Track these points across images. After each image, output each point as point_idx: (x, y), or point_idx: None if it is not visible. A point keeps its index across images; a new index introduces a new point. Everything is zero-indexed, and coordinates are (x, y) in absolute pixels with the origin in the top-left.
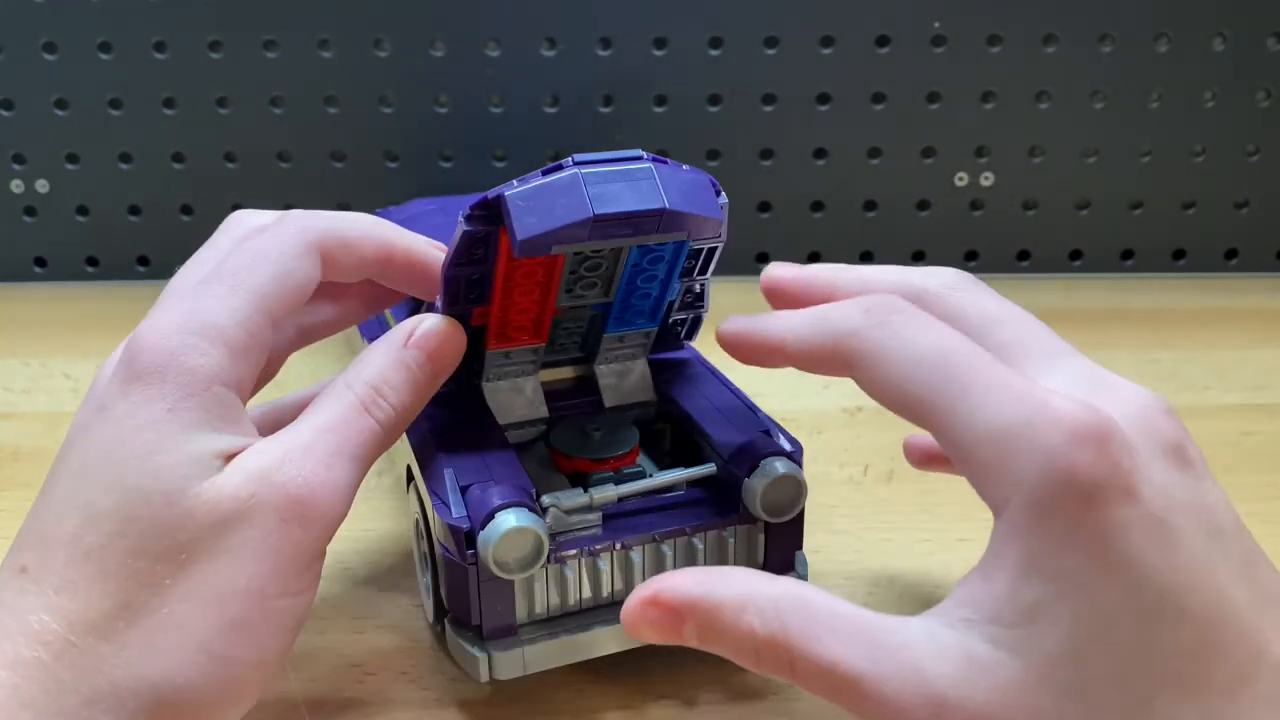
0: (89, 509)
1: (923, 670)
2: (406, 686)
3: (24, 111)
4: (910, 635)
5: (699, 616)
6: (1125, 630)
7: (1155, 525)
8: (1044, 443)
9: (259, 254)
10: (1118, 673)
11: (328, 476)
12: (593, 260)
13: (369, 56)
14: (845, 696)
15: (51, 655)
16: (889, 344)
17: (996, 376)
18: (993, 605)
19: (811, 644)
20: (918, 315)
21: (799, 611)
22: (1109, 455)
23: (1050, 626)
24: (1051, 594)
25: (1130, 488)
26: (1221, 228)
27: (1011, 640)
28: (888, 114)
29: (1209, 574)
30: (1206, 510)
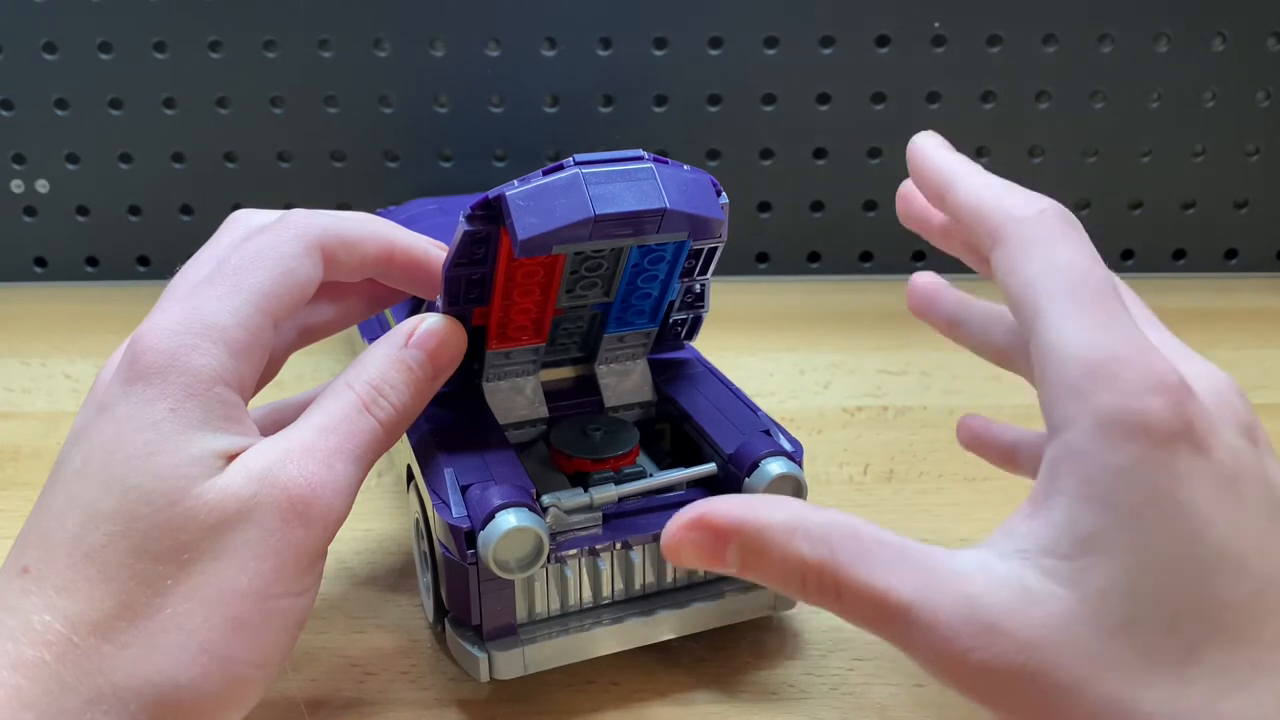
0: (91, 509)
1: (974, 599)
2: (406, 686)
3: (24, 111)
4: (961, 565)
5: (745, 538)
6: (1182, 575)
7: (1223, 481)
8: (1131, 380)
9: (260, 253)
10: (1170, 616)
11: (329, 476)
12: (593, 260)
13: (369, 56)
14: (891, 625)
15: (53, 655)
16: (1042, 243)
17: (1115, 312)
18: (1048, 535)
19: (860, 570)
20: (1081, 238)
21: (848, 538)
22: (1187, 410)
23: (1106, 560)
24: (1110, 526)
25: (1202, 443)
26: (1221, 228)
27: (1065, 572)
28: (888, 114)
29: (1269, 538)
30: (1272, 485)
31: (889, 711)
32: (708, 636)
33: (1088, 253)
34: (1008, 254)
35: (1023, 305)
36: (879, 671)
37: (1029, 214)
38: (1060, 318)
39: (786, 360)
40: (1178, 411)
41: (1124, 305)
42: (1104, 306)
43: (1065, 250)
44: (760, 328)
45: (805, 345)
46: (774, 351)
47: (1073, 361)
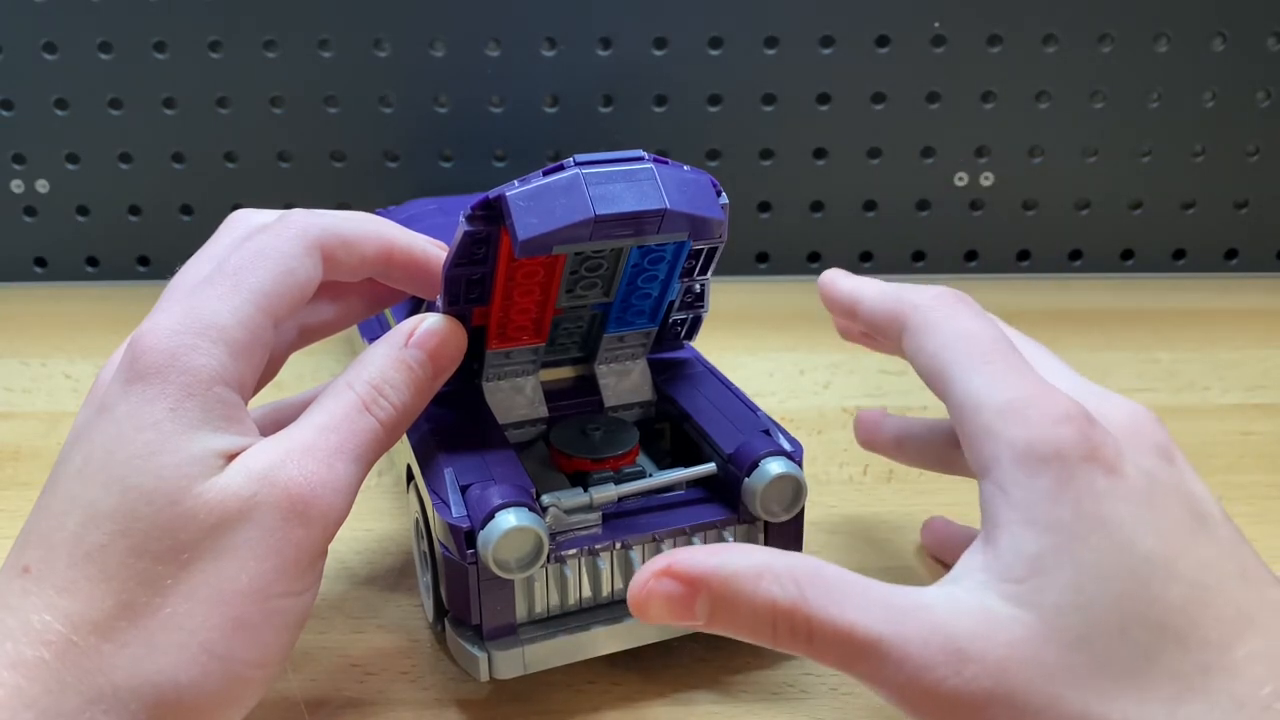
0: (91, 509)
1: (941, 627)
2: (406, 686)
3: (24, 111)
4: (926, 598)
5: (715, 587)
6: (1120, 584)
7: (1138, 498)
8: (1036, 415)
9: (260, 253)
10: (1119, 625)
11: (329, 476)
12: (593, 260)
13: (369, 56)
14: (864, 661)
15: (54, 655)
16: (942, 320)
17: (1016, 365)
18: (999, 563)
19: (830, 610)
20: (975, 311)
21: (815, 580)
22: (1092, 436)
23: (1054, 577)
24: (1050, 545)
25: (1113, 465)
26: (1221, 228)
27: (1021, 594)
28: (888, 114)
29: (1194, 546)
30: (1192, 497)
31: (888, 711)
32: (708, 636)
33: (982, 320)
34: (914, 336)
35: (934, 376)
36: None
37: (925, 300)
38: (966, 377)
39: (786, 360)
40: (1084, 437)
41: (1021, 358)
42: (1003, 361)
43: (961, 322)
44: (760, 328)
45: (805, 345)
46: (774, 351)
47: (984, 410)
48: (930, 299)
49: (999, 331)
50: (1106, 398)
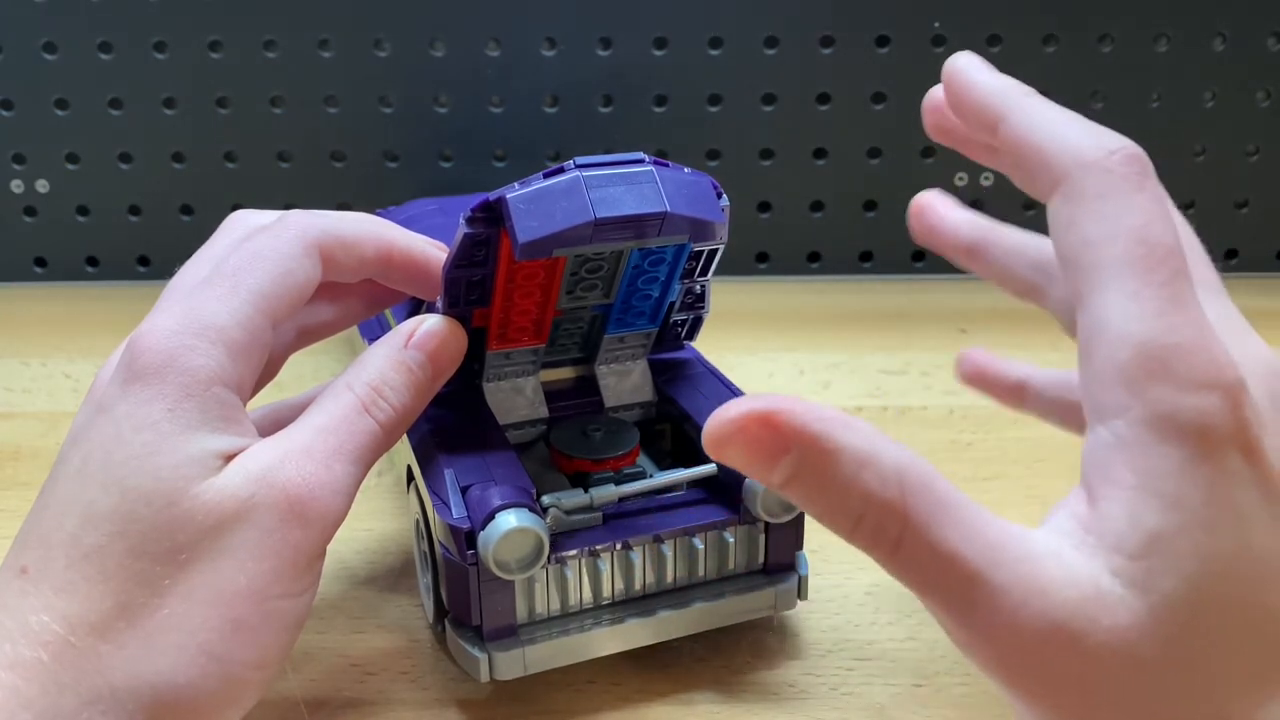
0: (89, 509)
1: (1046, 592)
2: (406, 686)
3: (24, 111)
4: (1036, 549)
5: (812, 455)
6: (1237, 584)
7: (1268, 488)
8: (1189, 374)
9: (258, 254)
10: (1223, 628)
11: (327, 477)
12: (594, 262)
13: (369, 56)
14: (951, 595)
15: (51, 656)
16: (1109, 198)
17: (1180, 295)
18: (1114, 530)
19: (930, 525)
20: (1154, 192)
21: (923, 486)
22: (1241, 413)
23: (1172, 563)
24: (1173, 524)
25: (1254, 447)
26: (1221, 228)
27: (1134, 574)
28: (887, 114)
29: None
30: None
31: (889, 711)
32: (708, 637)
33: (1159, 213)
34: (1069, 206)
35: (1078, 268)
36: (879, 671)
37: (1097, 158)
38: (1119, 294)
39: (786, 360)
40: (1233, 414)
41: (1190, 287)
42: (1170, 285)
43: (1134, 211)
44: (760, 328)
45: (805, 345)
46: (774, 351)
47: (1128, 346)
48: (1105, 157)
49: (1175, 236)
50: (1250, 343)
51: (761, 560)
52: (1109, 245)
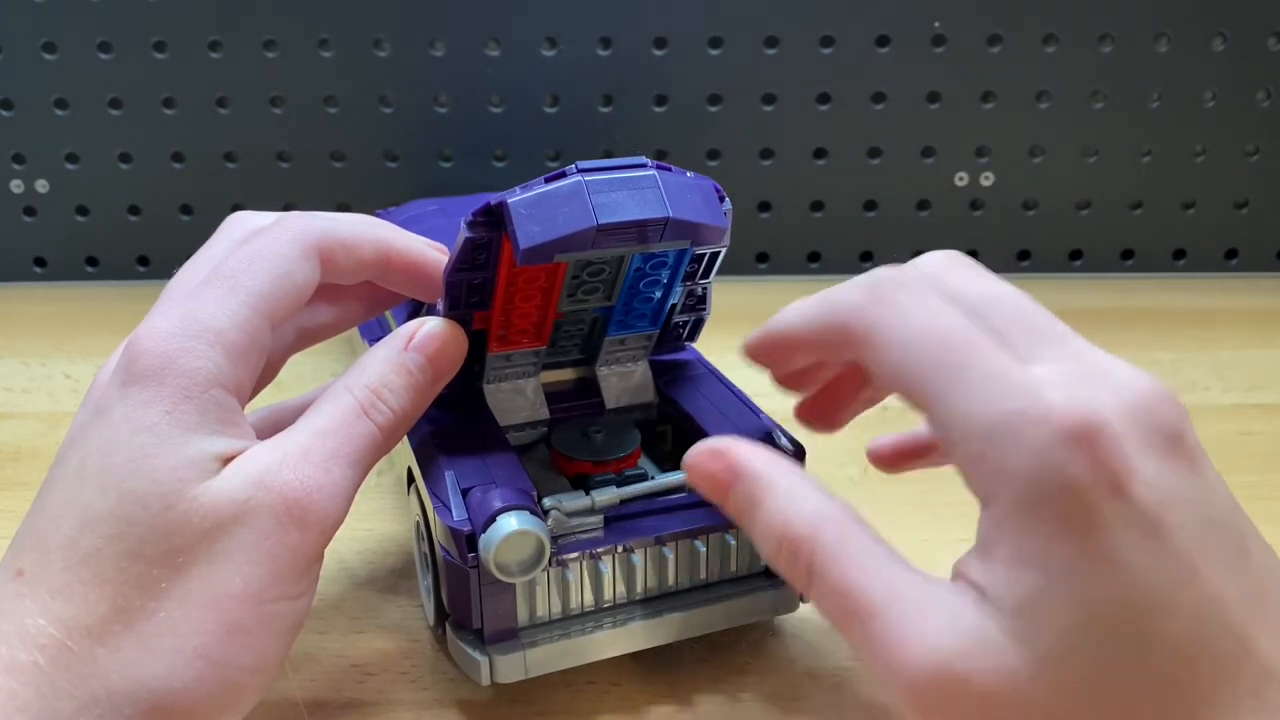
0: (86, 512)
1: (938, 632)
2: (406, 688)
3: (24, 111)
4: (934, 595)
5: (751, 485)
6: (1121, 626)
7: (1145, 523)
8: (1032, 440)
9: (257, 256)
10: (1112, 671)
11: (325, 480)
12: (595, 266)
13: (369, 56)
14: (854, 626)
15: (47, 659)
16: (890, 322)
17: (991, 365)
18: (994, 589)
19: (839, 560)
20: (921, 292)
21: (836, 528)
22: (1098, 454)
23: (1049, 618)
24: (1045, 586)
25: (1119, 486)
26: (1221, 228)
27: (1015, 628)
28: (888, 114)
29: (1199, 570)
30: (1201, 503)
31: (889, 712)
32: (708, 638)
33: (939, 310)
34: (865, 352)
35: (906, 396)
36: None
37: (860, 299)
38: (940, 395)
39: None
40: (1090, 455)
41: (999, 351)
42: (979, 363)
43: (914, 321)
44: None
45: None
46: None
47: (970, 435)
48: (864, 294)
49: (960, 319)
50: (1112, 373)
51: (762, 563)
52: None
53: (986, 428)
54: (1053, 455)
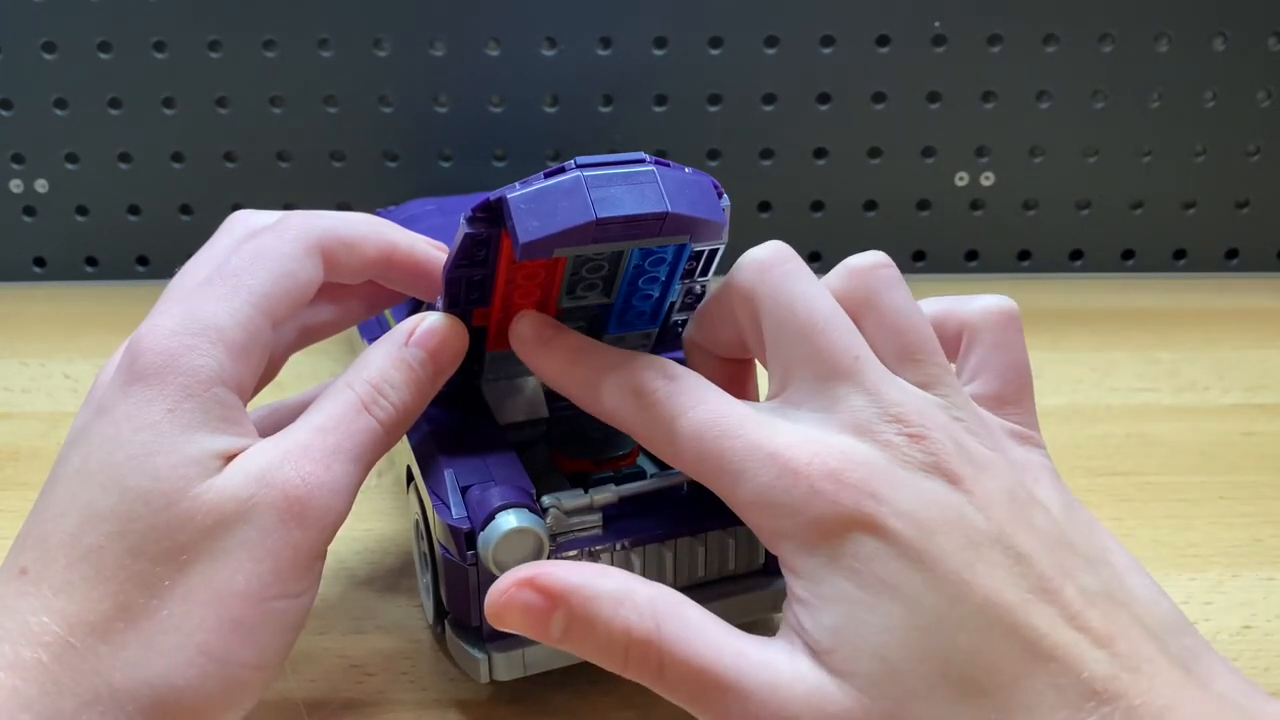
0: (88, 510)
1: (781, 691)
2: (406, 687)
3: (24, 111)
4: (773, 654)
5: (574, 605)
6: (918, 644)
7: (906, 552)
8: (789, 500)
9: (260, 255)
10: (928, 686)
11: (326, 477)
12: (594, 262)
13: (369, 56)
14: (711, 704)
15: (50, 657)
16: (663, 423)
17: (745, 444)
18: (808, 634)
19: (684, 646)
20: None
21: (674, 613)
22: (844, 499)
23: (858, 646)
24: (844, 617)
25: (873, 524)
26: (1221, 228)
27: (836, 664)
28: (888, 114)
29: (972, 584)
30: (963, 521)
31: None
32: None
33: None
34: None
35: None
36: None
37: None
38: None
39: None
40: (839, 500)
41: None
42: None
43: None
44: None
45: None
46: None
47: (749, 511)
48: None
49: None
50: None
51: (762, 561)
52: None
53: (756, 501)
54: (809, 510)
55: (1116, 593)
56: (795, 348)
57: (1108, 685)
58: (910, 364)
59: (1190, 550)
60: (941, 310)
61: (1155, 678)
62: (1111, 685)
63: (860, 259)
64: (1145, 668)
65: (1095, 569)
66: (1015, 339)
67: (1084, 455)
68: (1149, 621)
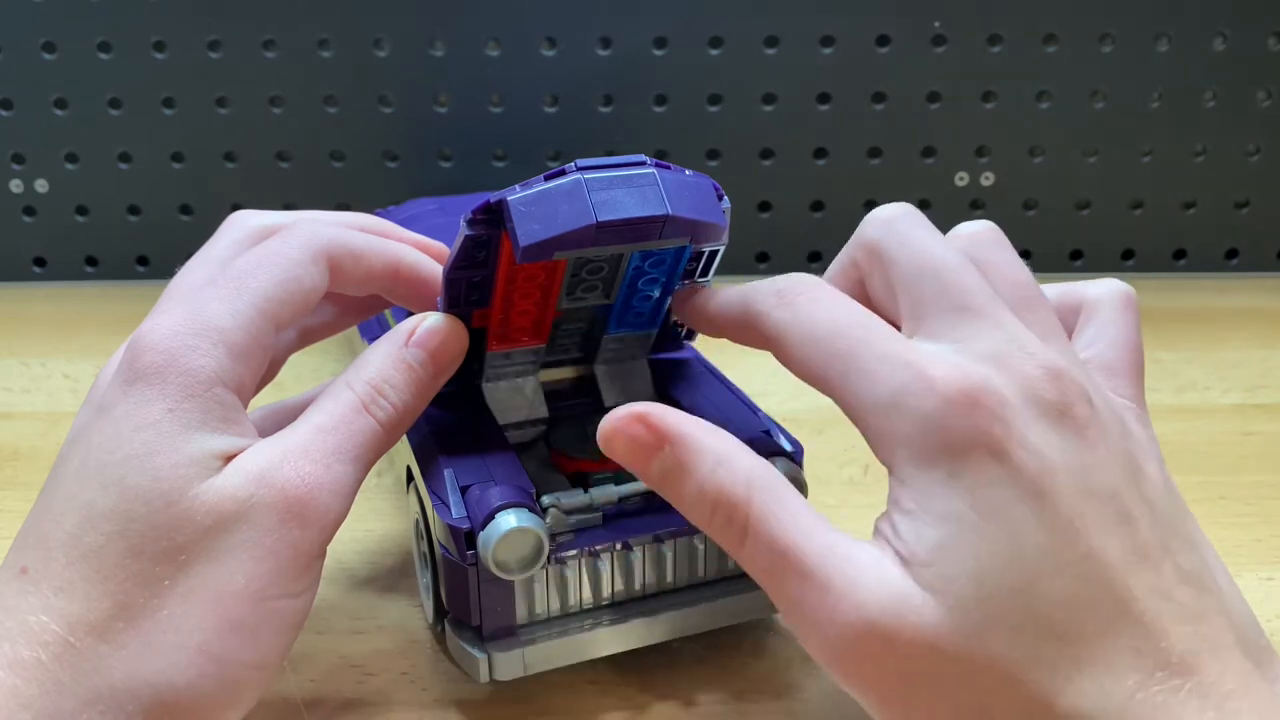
0: (88, 509)
1: (865, 589)
2: (406, 687)
3: (24, 111)
4: (860, 554)
5: (679, 450)
6: (1014, 578)
7: (1025, 484)
8: (918, 408)
9: (265, 259)
10: (1013, 619)
11: (325, 476)
12: (594, 264)
13: (369, 56)
14: (786, 586)
15: (51, 656)
16: (792, 324)
17: (881, 350)
18: (905, 546)
19: (770, 521)
20: (822, 295)
21: (767, 489)
22: (977, 419)
23: (957, 566)
24: (949, 535)
25: (999, 450)
26: (1221, 228)
27: (927, 579)
28: (888, 114)
29: (1081, 532)
30: (1082, 470)
31: None
32: (708, 637)
33: (834, 304)
34: (774, 349)
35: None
36: None
37: (768, 304)
38: (841, 383)
39: None
40: (970, 420)
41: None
42: (869, 350)
43: (812, 318)
44: None
45: None
46: None
47: (868, 413)
48: (773, 297)
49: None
50: (1011, 353)
51: None
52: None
53: (880, 403)
54: (937, 421)
55: (1206, 580)
56: (929, 288)
57: (1184, 660)
58: (1029, 314)
59: None
60: (1060, 290)
61: (1229, 664)
62: (1188, 660)
63: (970, 225)
64: (1223, 653)
65: (1191, 552)
66: (1133, 318)
67: None
68: (1231, 614)
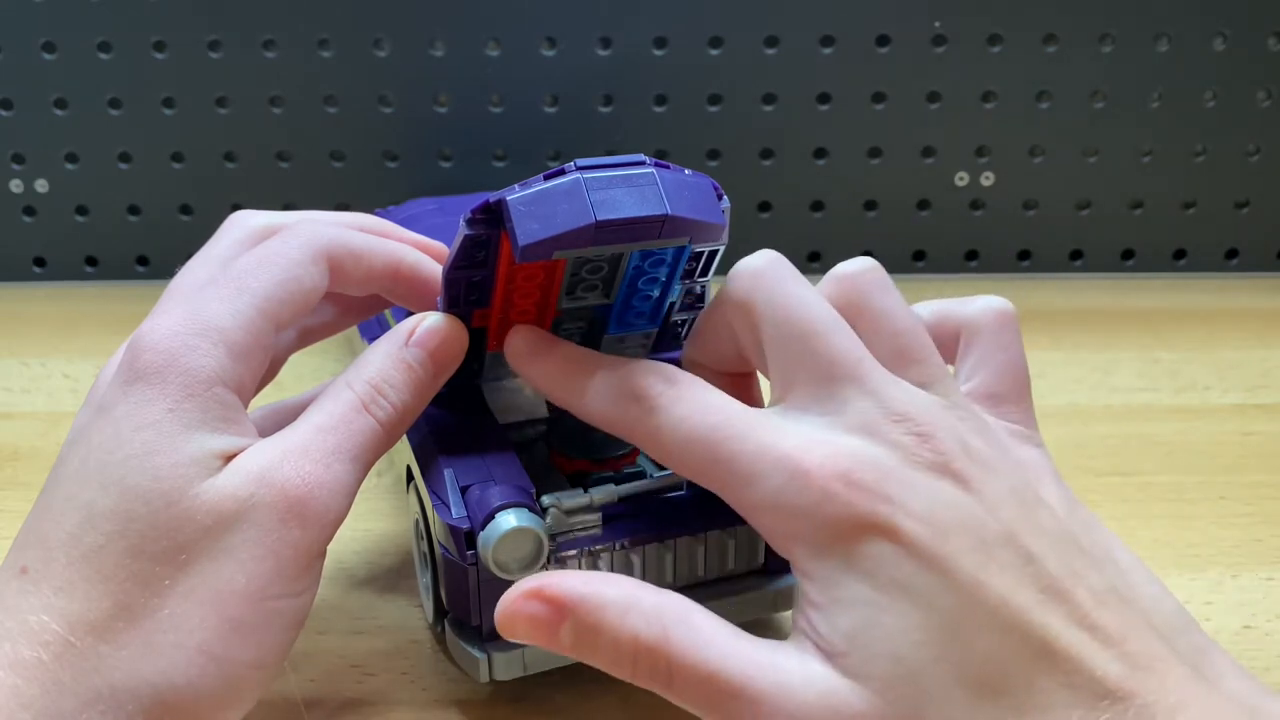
0: (88, 509)
1: (795, 693)
2: (406, 687)
3: (24, 111)
4: (784, 659)
5: (581, 615)
6: (934, 647)
7: (921, 554)
8: (800, 504)
9: (266, 259)
10: (944, 688)
11: (326, 476)
12: (594, 264)
13: (369, 56)
14: (721, 709)
15: (51, 656)
16: (663, 430)
17: (754, 446)
18: (822, 639)
19: (692, 652)
20: (683, 394)
21: (681, 620)
22: (858, 502)
23: (874, 648)
24: (859, 620)
25: (888, 527)
26: (1221, 228)
27: (852, 668)
28: (888, 114)
29: (987, 585)
30: (976, 523)
31: None
32: None
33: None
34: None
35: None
36: None
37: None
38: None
39: None
40: (852, 504)
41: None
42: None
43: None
44: None
45: None
46: None
47: (757, 514)
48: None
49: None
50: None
51: (761, 561)
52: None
53: (762, 505)
54: (821, 513)
55: (1124, 591)
56: (796, 352)
57: (1121, 684)
58: (908, 365)
59: (1190, 550)
60: (937, 313)
61: (1166, 676)
62: (1124, 684)
63: (848, 265)
64: (1157, 666)
65: (1102, 568)
66: (1012, 338)
67: (1084, 455)
68: (1156, 620)
